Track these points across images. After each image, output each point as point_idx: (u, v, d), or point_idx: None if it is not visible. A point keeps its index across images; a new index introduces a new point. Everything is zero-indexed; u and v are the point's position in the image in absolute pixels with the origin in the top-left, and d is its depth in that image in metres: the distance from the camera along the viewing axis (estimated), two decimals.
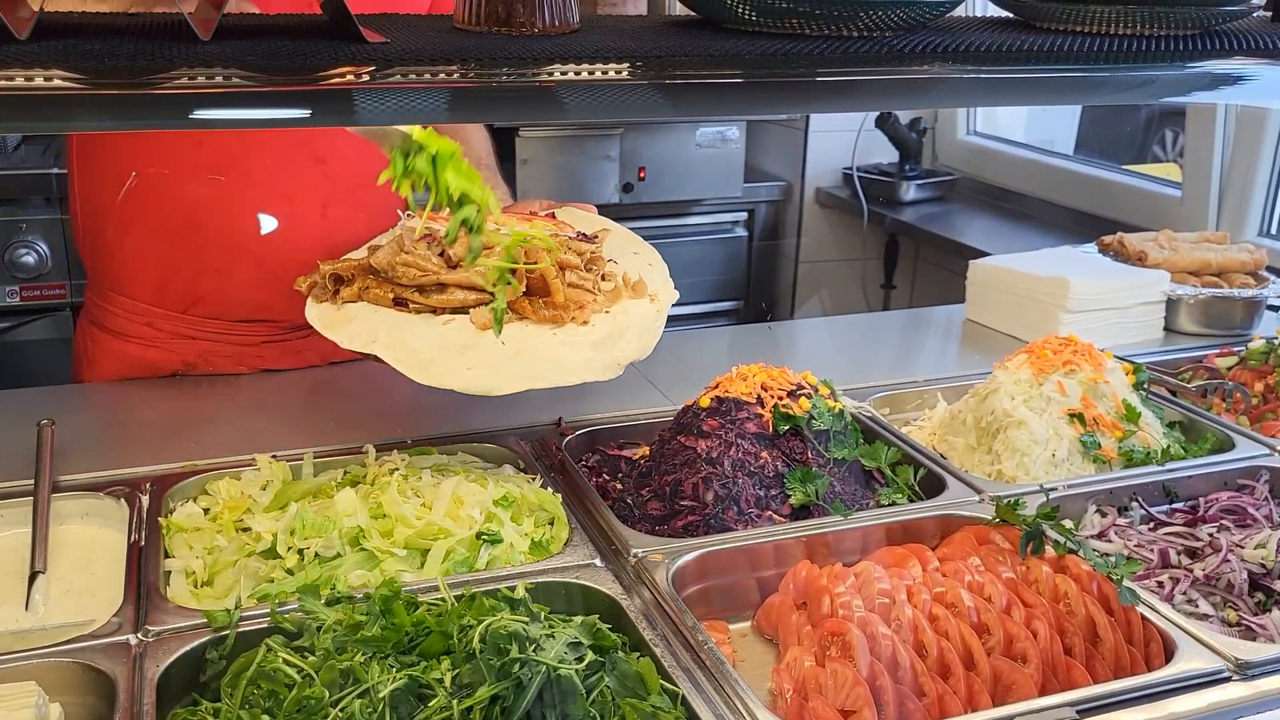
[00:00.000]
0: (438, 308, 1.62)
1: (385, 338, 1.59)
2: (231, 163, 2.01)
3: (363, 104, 1.04)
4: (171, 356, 2.13)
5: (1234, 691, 1.27)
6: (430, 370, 1.54)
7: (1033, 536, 1.51)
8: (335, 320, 1.66)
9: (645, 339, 1.65)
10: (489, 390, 1.53)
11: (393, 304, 1.64)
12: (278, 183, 2.04)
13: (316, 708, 1.12)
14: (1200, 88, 1.59)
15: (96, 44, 0.97)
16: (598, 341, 1.60)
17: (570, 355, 1.57)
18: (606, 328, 1.63)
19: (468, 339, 1.58)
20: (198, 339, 2.13)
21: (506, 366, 1.55)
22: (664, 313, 1.71)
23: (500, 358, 1.56)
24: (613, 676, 1.21)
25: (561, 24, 1.19)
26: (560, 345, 1.59)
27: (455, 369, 1.54)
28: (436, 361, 1.55)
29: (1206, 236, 2.70)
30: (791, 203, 4.72)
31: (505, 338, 1.59)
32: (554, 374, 1.56)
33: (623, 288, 1.71)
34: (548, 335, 1.61)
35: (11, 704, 1.11)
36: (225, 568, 1.47)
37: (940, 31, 1.36)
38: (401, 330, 1.60)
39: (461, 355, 1.55)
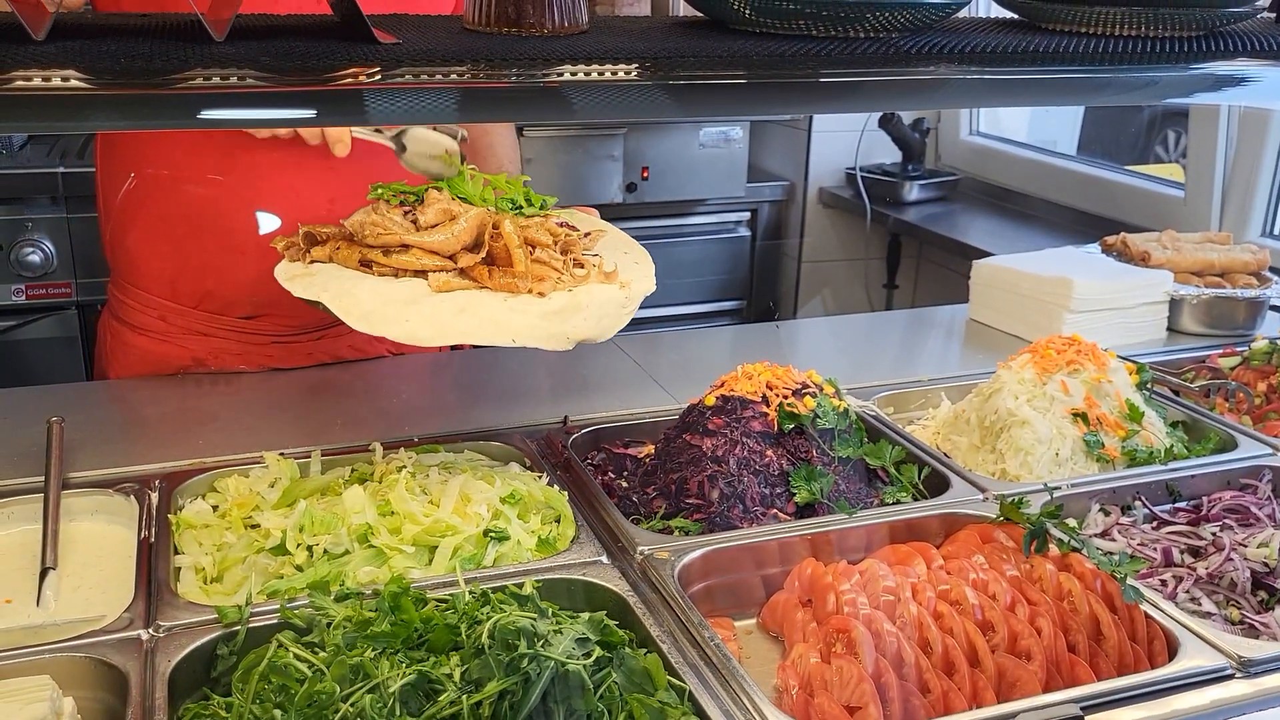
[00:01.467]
0: (399, 270, 1.63)
1: (334, 289, 1.60)
2: (237, 159, 2.03)
3: (374, 104, 1.05)
4: (182, 351, 2.15)
5: (1237, 689, 1.28)
6: (369, 319, 1.55)
7: (1037, 535, 1.52)
8: (297, 274, 1.67)
9: (605, 321, 1.64)
10: (422, 340, 1.54)
11: (359, 265, 1.65)
12: (283, 178, 2.06)
13: (327, 702, 1.13)
14: (1204, 89, 1.60)
15: (112, 45, 0.98)
16: (549, 313, 1.60)
17: (515, 319, 1.57)
18: (562, 302, 1.63)
19: (416, 296, 1.60)
20: (208, 334, 2.15)
21: (446, 321, 1.56)
22: (633, 301, 1.70)
23: (443, 313, 1.57)
24: (620, 672, 1.22)
25: (571, 25, 1.20)
26: (509, 310, 1.59)
27: (395, 320, 1.55)
28: (377, 312, 1.56)
29: (1210, 237, 2.71)
30: (794, 202, 4.73)
31: (456, 299, 1.60)
32: (492, 333, 1.56)
33: (593, 273, 1.72)
34: (498, 301, 1.61)
35: (26, 697, 1.12)
36: (234, 564, 1.48)
37: (946, 33, 1.37)
38: (354, 285, 1.62)
39: (404, 309, 1.56)
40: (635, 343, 2.45)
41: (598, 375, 2.25)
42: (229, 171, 2.04)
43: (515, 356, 2.44)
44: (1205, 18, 1.40)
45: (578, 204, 2.30)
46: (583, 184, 4.21)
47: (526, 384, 2.23)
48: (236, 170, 2.04)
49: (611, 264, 1.74)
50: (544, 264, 1.65)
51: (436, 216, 1.65)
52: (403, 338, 1.54)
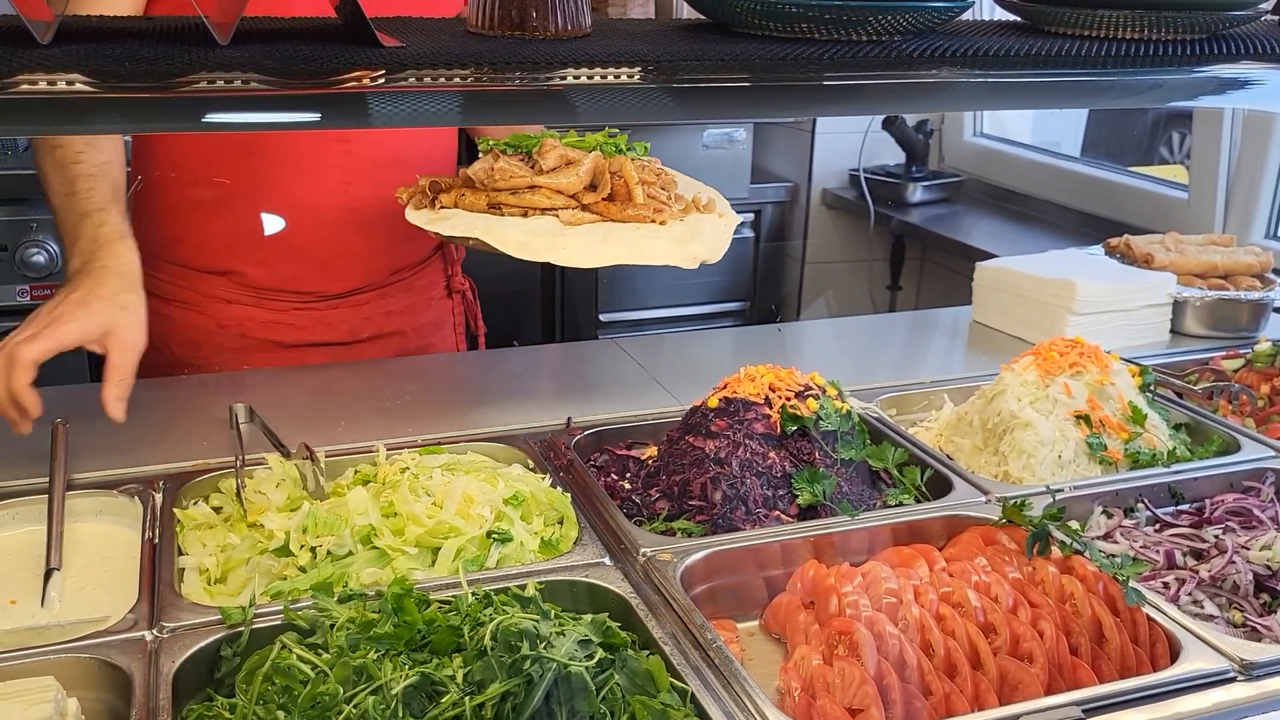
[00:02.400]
0: (529, 210, 1.79)
1: (481, 226, 1.77)
2: (257, 141, 2.11)
3: (378, 108, 1.06)
4: (207, 320, 2.22)
5: (1239, 692, 1.28)
6: (528, 248, 1.73)
7: (1039, 537, 1.52)
8: (435, 219, 1.82)
9: (717, 244, 1.85)
10: (578, 263, 1.72)
11: (487, 208, 1.81)
12: (301, 160, 2.13)
13: (331, 704, 1.14)
14: (1207, 92, 1.60)
15: (117, 48, 0.98)
16: (675, 239, 1.81)
17: (652, 245, 1.77)
18: (681, 230, 1.84)
19: (558, 230, 1.78)
20: (234, 303, 2.22)
21: (597, 248, 1.74)
22: (731, 227, 1.92)
23: (591, 241, 1.76)
24: (623, 674, 1.22)
25: (574, 28, 1.20)
26: (643, 238, 1.78)
27: (550, 247, 1.73)
28: (531, 243, 1.73)
29: (1213, 239, 2.71)
30: (798, 204, 4.73)
31: (594, 230, 1.79)
32: (640, 256, 1.75)
33: (692, 205, 1.93)
34: (631, 230, 1.80)
35: (30, 698, 1.13)
36: (238, 565, 1.48)
37: (949, 35, 1.37)
38: (497, 223, 1.78)
39: (554, 239, 1.75)
40: (638, 344, 2.45)
41: (601, 377, 2.25)
42: (254, 149, 2.11)
43: (518, 358, 2.45)
44: (1208, 20, 1.40)
45: None
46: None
47: (530, 386, 2.23)
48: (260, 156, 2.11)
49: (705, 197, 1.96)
50: (655, 199, 1.85)
51: (556, 161, 1.83)
52: (563, 261, 1.71)
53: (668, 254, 1.77)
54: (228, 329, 2.23)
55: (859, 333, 2.74)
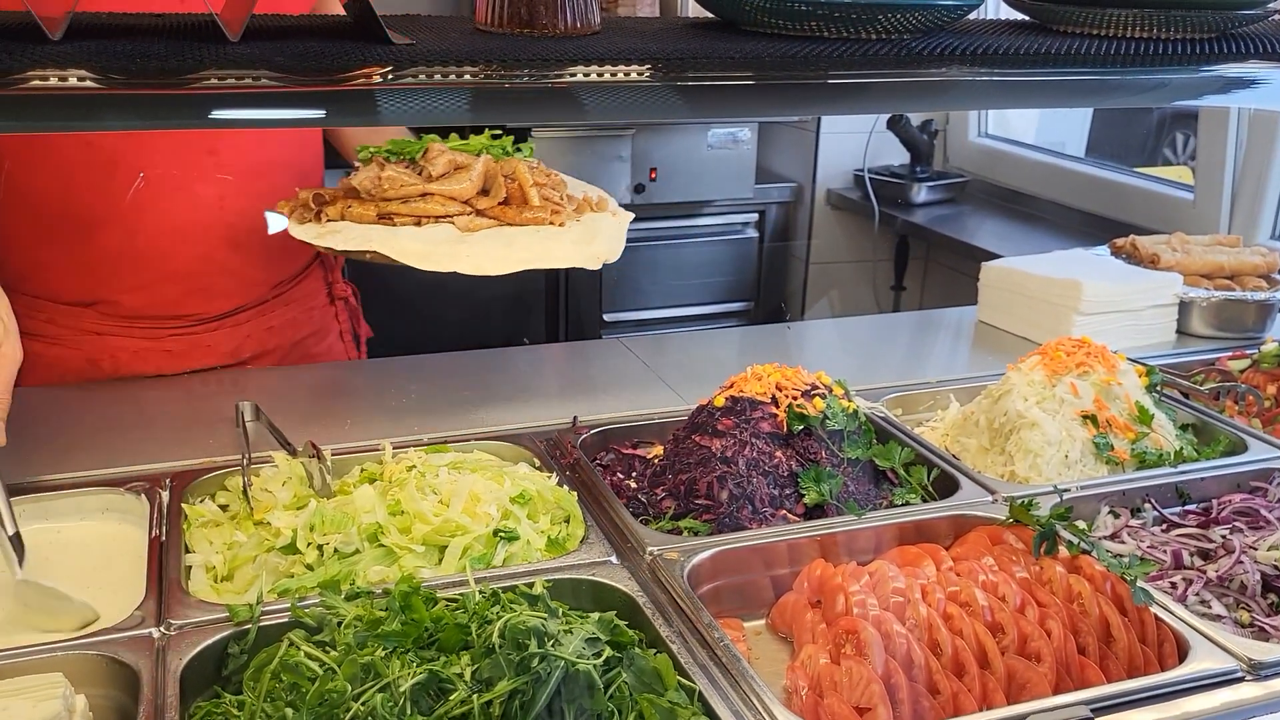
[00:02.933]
0: (422, 219, 1.73)
1: (377, 238, 1.70)
2: (119, 159, 1.98)
3: (388, 104, 1.06)
4: (75, 354, 2.10)
5: (1247, 691, 1.28)
6: (429, 258, 1.66)
7: (1046, 536, 1.52)
8: (324, 232, 1.75)
9: (615, 242, 1.81)
10: (486, 270, 1.66)
11: (377, 219, 1.74)
12: (170, 177, 2.02)
13: (339, 701, 1.14)
14: (1214, 91, 1.60)
15: (127, 45, 0.98)
16: (576, 239, 1.77)
17: (556, 247, 1.73)
18: (580, 230, 1.80)
19: (458, 237, 1.72)
20: (102, 334, 2.10)
21: (501, 254, 1.69)
22: (624, 225, 1.88)
23: (493, 247, 1.70)
24: (630, 672, 1.22)
25: (583, 26, 1.20)
26: (545, 240, 1.74)
27: (453, 255, 1.67)
28: (433, 252, 1.67)
29: (1219, 239, 2.70)
30: (802, 204, 4.73)
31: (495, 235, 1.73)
32: (545, 259, 1.71)
33: (584, 204, 1.89)
34: (531, 234, 1.76)
35: (38, 695, 1.13)
36: (245, 563, 1.48)
37: (957, 34, 1.37)
38: (390, 234, 1.71)
39: (454, 247, 1.69)
40: (643, 343, 2.45)
41: (606, 376, 2.25)
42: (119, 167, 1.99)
43: (523, 357, 2.45)
44: (1217, 20, 1.40)
45: None
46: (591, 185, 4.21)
47: (535, 384, 2.23)
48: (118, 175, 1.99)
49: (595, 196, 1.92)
50: (550, 200, 1.81)
51: (445, 166, 1.78)
52: (469, 269, 1.66)
53: (572, 255, 1.73)
54: (98, 364, 2.11)
55: (864, 332, 2.74)
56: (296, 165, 2.18)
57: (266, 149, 2.11)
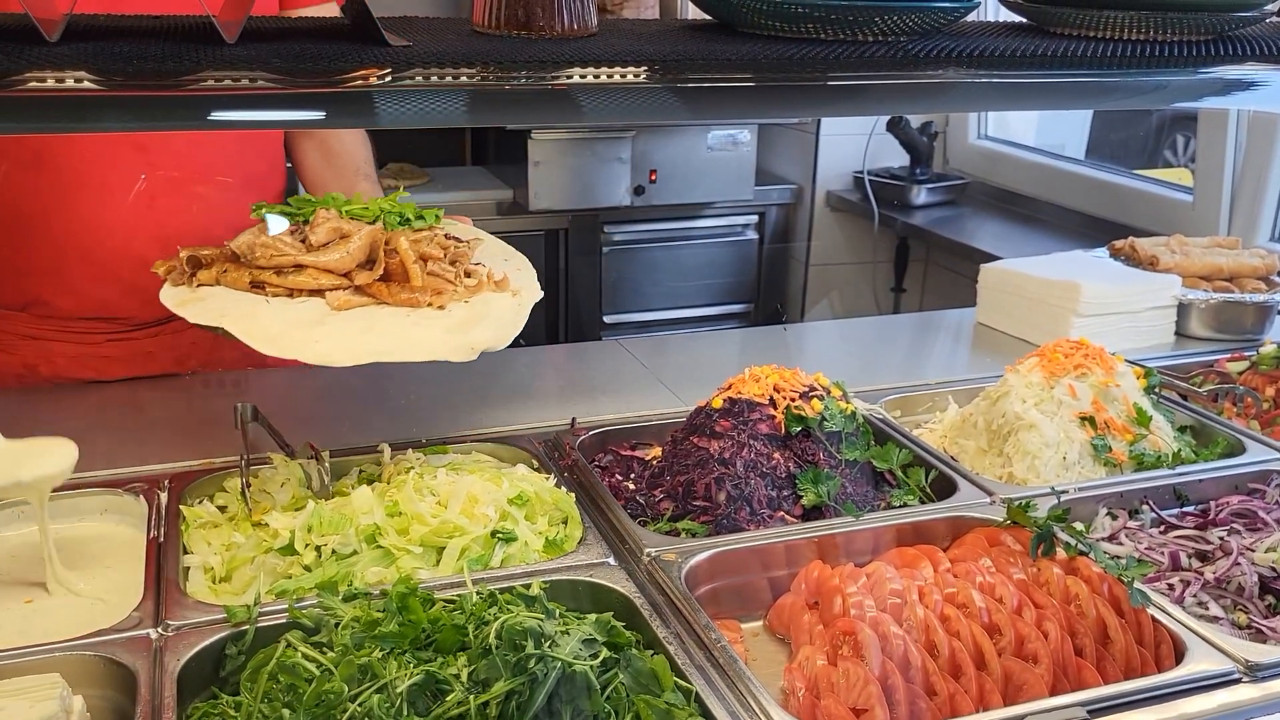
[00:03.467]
0: (294, 290, 1.63)
1: (234, 313, 1.60)
2: (44, 155, 1.95)
3: (385, 106, 1.06)
4: (12, 359, 2.08)
5: (1244, 693, 1.28)
6: (278, 343, 1.55)
7: (1044, 538, 1.52)
8: (188, 300, 1.65)
9: (503, 330, 1.66)
10: (333, 361, 1.54)
11: (249, 287, 1.65)
12: (98, 174, 1.98)
13: (336, 702, 1.14)
14: (1212, 93, 1.60)
15: (125, 46, 0.99)
16: (452, 326, 1.62)
17: (422, 335, 1.59)
18: (463, 314, 1.65)
19: (320, 317, 1.60)
20: (38, 339, 2.08)
21: (355, 341, 1.57)
22: (525, 308, 1.72)
23: (350, 333, 1.58)
24: (627, 673, 1.22)
25: (580, 27, 1.20)
26: (413, 326, 1.61)
27: (303, 342, 1.55)
28: (285, 335, 1.56)
29: (1218, 241, 2.70)
30: (802, 206, 4.74)
31: (360, 317, 1.61)
32: (402, 350, 1.57)
33: (485, 282, 1.74)
34: (402, 317, 1.63)
35: (36, 695, 1.13)
36: (243, 564, 1.49)
37: (954, 36, 1.37)
38: (253, 307, 1.61)
39: (311, 330, 1.57)
40: (643, 345, 2.46)
41: (605, 377, 2.25)
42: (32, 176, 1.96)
43: (523, 358, 2.45)
44: (1214, 22, 1.40)
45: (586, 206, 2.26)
46: (590, 187, 4.22)
47: (534, 386, 2.23)
48: (46, 171, 1.97)
49: (500, 272, 1.76)
50: (438, 276, 1.67)
51: (327, 235, 1.65)
52: (314, 359, 1.53)
53: (438, 346, 1.57)
54: (36, 370, 2.08)
55: (863, 334, 2.74)
56: (238, 166, 2.12)
57: (203, 148, 2.06)
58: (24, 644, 1.28)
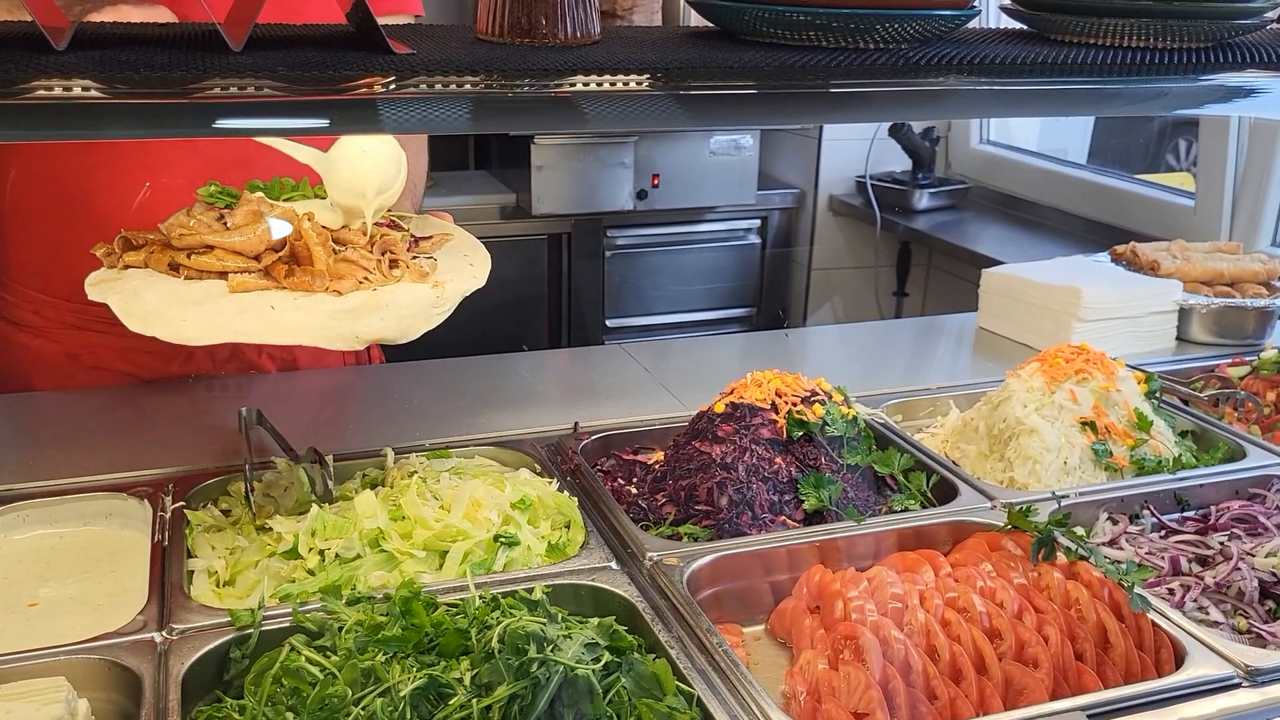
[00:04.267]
0: (203, 272, 1.61)
1: (126, 291, 1.58)
2: (98, 144, 1.98)
3: (389, 114, 1.06)
4: (56, 347, 2.10)
5: (1244, 698, 1.29)
6: (147, 321, 1.52)
7: (1044, 543, 1.52)
8: (103, 280, 1.64)
9: (407, 322, 1.59)
10: (192, 340, 1.51)
11: (167, 269, 1.63)
12: (144, 161, 2.01)
13: (339, 706, 1.15)
14: (1213, 100, 1.61)
15: (131, 54, 0.99)
16: (339, 312, 1.56)
17: (299, 319, 1.54)
18: (358, 301, 1.59)
19: (206, 297, 1.57)
20: (81, 328, 2.10)
21: (222, 321, 1.53)
22: (446, 301, 1.64)
23: (223, 314, 1.54)
24: (629, 677, 1.23)
25: (583, 35, 1.21)
26: (295, 310, 1.56)
27: (171, 320, 1.52)
28: (158, 313, 1.53)
29: (1219, 246, 2.71)
30: (804, 210, 4.74)
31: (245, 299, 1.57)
32: (266, 333, 1.53)
33: (406, 274, 1.68)
34: (288, 300, 1.58)
35: (42, 698, 1.14)
36: (247, 568, 1.49)
37: (956, 44, 1.38)
38: (149, 287, 1.59)
39: (186, 309, 1.54)
40: (645, 349, 2.46)
41: (608, 382, 2.26)
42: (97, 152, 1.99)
43: (526, 362, 2.46)
44: (1214, 29, 1.40)
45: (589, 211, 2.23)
46: (593, 191, 4.23)
47: (537, 390, 2.24)
48: (94, 158, 1.99)
49: (431, 265, 1.71)
50: (351, 262, 1.62)
51: (245, 218, 1.64)
52: (173, 338, 1.50)
53: (316, 331, 1.53)
54: (78, 359, 2.10)
55: (865, 339, 2.75)
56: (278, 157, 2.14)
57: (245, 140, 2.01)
58: (28, 647, 1.29)
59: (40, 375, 2.11)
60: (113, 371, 2.13)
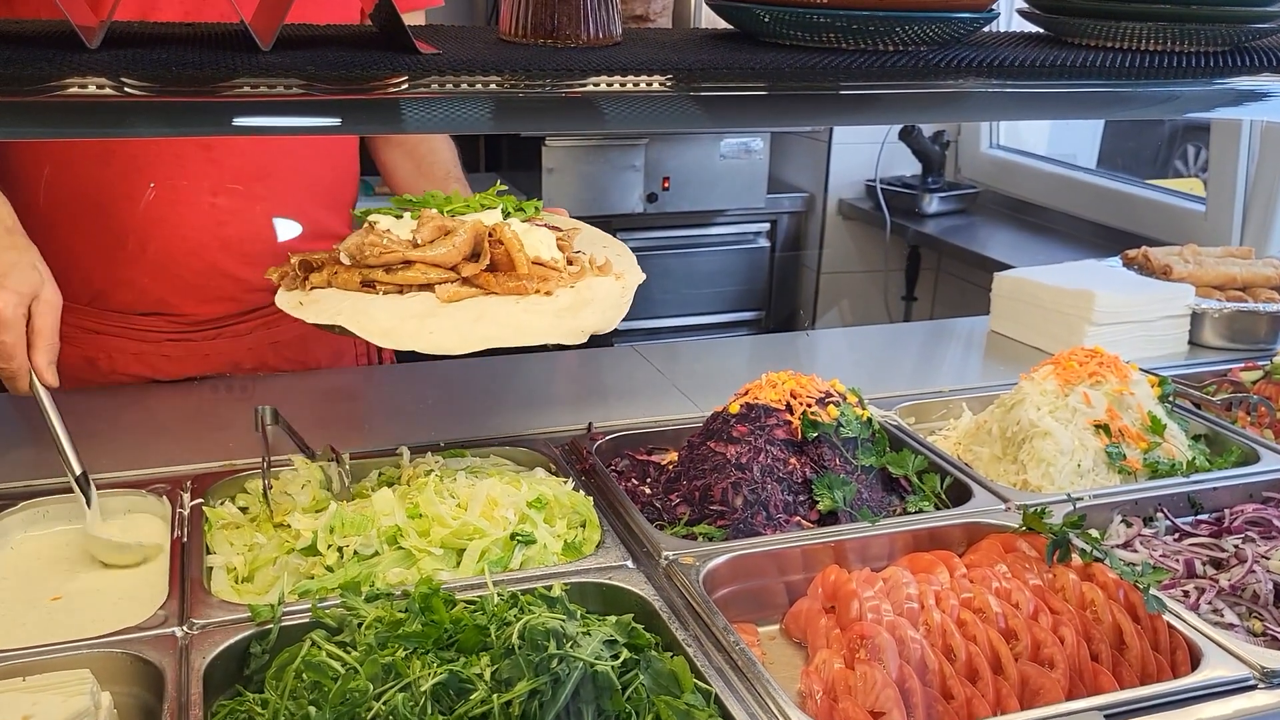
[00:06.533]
0: (404, 286, 1.65)
1: (348, 311, 1.62)
2: (122, 148, 1.99)
3: (414, 113, 1.08)
4: (74, 351, 2.08)
5: (1260, 699, 1.29)
6: (392, 335, 1.57)
7: (1060, 544, 1.53)
8: (304, 302, 1.68)
9: (610, 312, 1.67)
10: (448, 349, 1.55)
11: (360, 286, 1.67)
12: (161, 169, 2.01)
13: (360, 700, 1.15)
14: (1226, 104, 1.62)
15: (162, 53, 1.01)
16: (561, 310, 1.63)
17: (533, 321, 1.61)
18: (570, 299, 1.66)
19: (431, 309, 1.62)
20: (101, 334, 2.11)
21: (467, 329, 1.58)
22: (629, 290, 1.74)
23: (462, 322, 1.59)
24: (647, 674, 1.24)
25: (605, 36, 1.22)
26: (523, 313, 1.62)
27: (417, 333, 1.57)
28: (398, 328, 1.58)
29: (1231, 251, 2.71)
30: (814, 214, 4.75)
31: (470, 307, 1.62)
32: (515, 336, 1.58)
33: (588, 268, 1.75)
34: (511, 304, 1.64)
35: (68, 690, 1.15)
36: (266, 564, 1.50)
37: (973, 46, 1.39)
38: (366, 304, 1.63)
39: (423, 322, 1.59)
40: (657, 351, 2.47)
41: (621, 383, 2.27)
42: (115, 157, 2.00)
43: (539, 363, 2.47)
44: (1231, 33, 1.41)
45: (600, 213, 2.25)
46: (604, 194, 4.24)
47: (550, 390, 2.25)
48: (114, 164, 2.00)
49: (601, 258, 1.78)
50: (543, 264, 1.69)
51: (432, 232, 1.67)
52: (429, 348, 1.55)
53: (550, 330, 1.59)
54: (96, 364, 2.12)
55: (876, 342, 2.75)
56: (302, 169, 2.15)
57: (267, 149, 2.10)
58: (51, 641, 1.30)
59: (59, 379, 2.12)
60: (130, 375, 2.14)
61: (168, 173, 2.02)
